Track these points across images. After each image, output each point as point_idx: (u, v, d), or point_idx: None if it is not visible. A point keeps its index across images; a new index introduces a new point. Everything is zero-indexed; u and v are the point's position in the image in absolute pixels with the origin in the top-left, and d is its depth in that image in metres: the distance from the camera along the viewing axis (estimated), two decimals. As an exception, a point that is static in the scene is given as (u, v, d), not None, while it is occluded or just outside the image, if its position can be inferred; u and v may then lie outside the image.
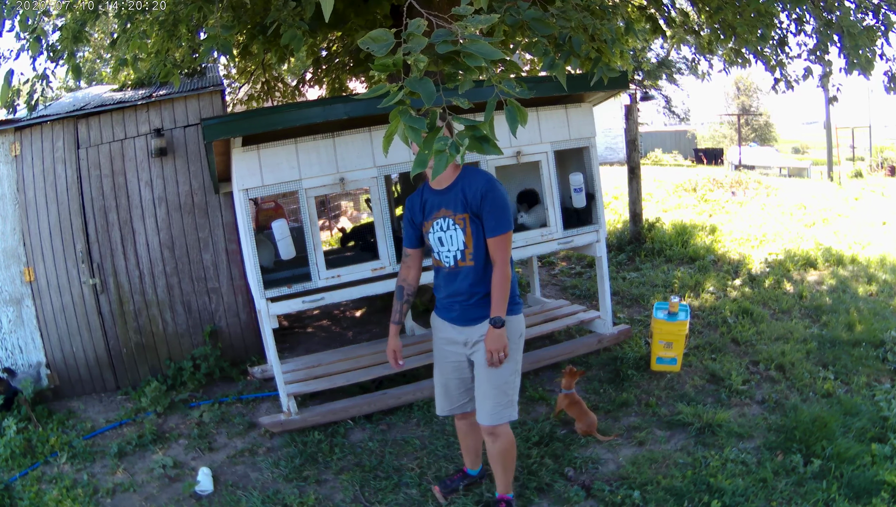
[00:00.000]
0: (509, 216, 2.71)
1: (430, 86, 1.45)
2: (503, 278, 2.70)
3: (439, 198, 2.80)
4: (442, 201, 2.80)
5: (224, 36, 3.81)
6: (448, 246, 2.81)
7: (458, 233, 2.76)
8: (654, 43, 12.91)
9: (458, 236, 2.77)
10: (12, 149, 5.00)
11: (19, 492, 3.73)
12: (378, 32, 1.46)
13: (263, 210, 6.07)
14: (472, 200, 2.70)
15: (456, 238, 2.77)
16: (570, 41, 3.11)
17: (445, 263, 2.84)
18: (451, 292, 2.87)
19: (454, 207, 2.75)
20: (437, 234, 2.84)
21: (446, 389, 3.07)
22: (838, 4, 4.67)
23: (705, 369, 4.57)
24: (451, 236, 2.78)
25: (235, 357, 5.43)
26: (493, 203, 2.67)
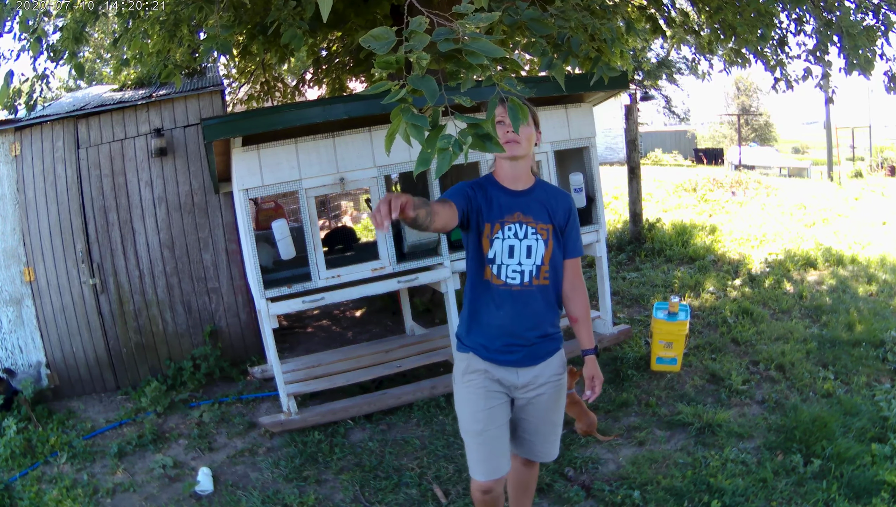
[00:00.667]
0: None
1: (432, 84, 1.45)
2: (588, 302, 2.41)
3: (514, 199, 2.29)
4: (518, 204, 2.29)
5: (224, 36, 3.81)
6: (520, 258, 2.26)
7: (540, 245, 2.27)
8: (654, 43, 12.91)
9: (538, 249, 2.27)
10: (12, 149, 5.00)
11: (19, 492, 3.73)
12: (379, 31, 1.46)
13: (263, 210, 6.07)
14: (558, 214, 2.30)
15: (535, 251, 2.27)
16: (569, 41, 3.11)
17: (510, 279, 2.26)
18: (513, 321, 2.27)
19: (536, 214, 2.28)
20: (508, 241, 2.26)
21: (493, 451, 2.32)
22: (838, 4, 4.67)
23: (705, 369, 4.57)
24: (530, 248, 2.26)
25: (235, 357, 5.43)
26: (575, 221, 2.36)
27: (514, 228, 2.27)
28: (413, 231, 4.26)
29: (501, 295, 2.27)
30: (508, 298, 2.26)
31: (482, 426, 2.29)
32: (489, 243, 2.26)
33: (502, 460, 2.32)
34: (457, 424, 4.06)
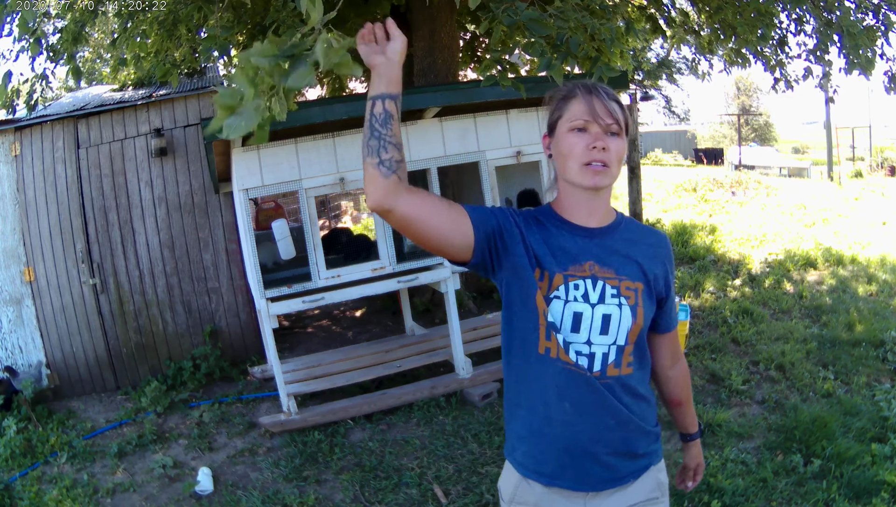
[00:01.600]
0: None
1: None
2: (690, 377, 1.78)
3: (586, 241, 1.46)
4: (592, 249, 1.46)
5: (223, 36, 3.82)
6: (590, 334, 1.42)
7: (624, 314, 1.42)
8: (655, 43, 12.89)
9: (621, 320, 1.42)
10: (12, 149, 5.00)
11: (19, 492, 3.73)
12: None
13: (263, 210, 6.07)
14: (655, 265, 1.48)
15: (617, 323, 1.42)
16: (568, 42, 3.11)
17: (579, 362, 1.43)
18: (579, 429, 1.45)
19: (620, 264, 1.45)
20: (573, 305, 1.42)
21: None
22: (838, 4, 4.67)
23: (705, 368, 4.57)
24: (608, 318, 1.42)
25: (235, 357, 5.43)
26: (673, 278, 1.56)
27: (584, 286, 1.43)
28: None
29: (565, 382, 1.43)
30: (572, 389, 1.42)
31: None
32: (542, 303, 1.43)
33: None
34: (457, 423, 4.08)
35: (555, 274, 1.43)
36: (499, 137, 4.38)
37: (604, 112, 1.41)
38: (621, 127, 1.43)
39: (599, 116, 1.40)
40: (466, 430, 3.97)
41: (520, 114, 4.51)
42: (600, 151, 1.40)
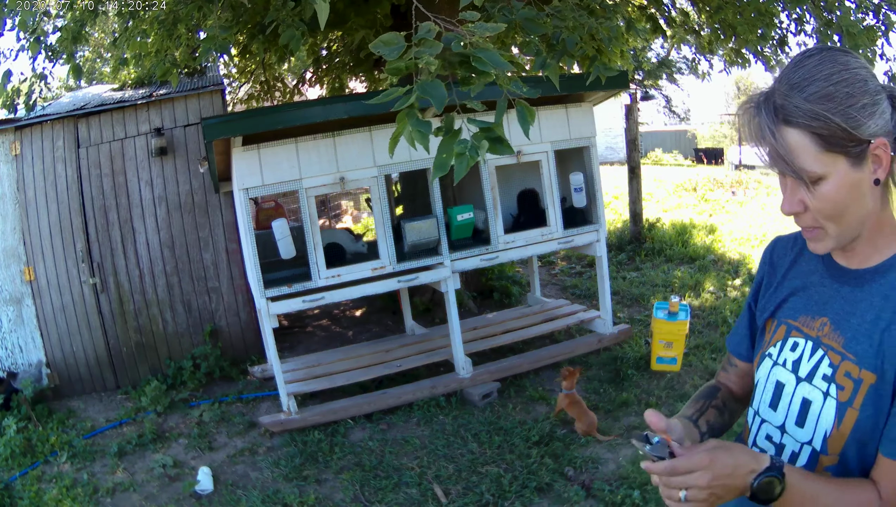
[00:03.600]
0: None
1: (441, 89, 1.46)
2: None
3: (836, 288, 1.07)
4: (836, 301, 1.06)
5: (222, 36, 3.81)
6: (788, 418, 1.08)
7: (829, 407, 1.01)
8: (655, 43, 12.90)
9: (823, 414, 1.02)
10: (12, 148, 5.00)
11: (19, 491, 3.73)
12: (389, 36, 1.47)
13: (263, 209, 6.07)
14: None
15: (816, 415, 1.03)
16: (564, 41, 3.11)
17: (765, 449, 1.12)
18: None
19: (856, 333, 1.00)
20: (778, 370, 1.11)
21: None
22: (838, 4, 4.67)
23: (705, 368, 4.57)
24: (809, 406, 1.05)
25: (235, 357, 5.43)
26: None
27: (801, 348, 1.08)
28: (413, 230, 4.26)
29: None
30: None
31: None
32: (759, 361, 1.16)
33: None
34: (457, 423, 4.08)
35: (780, 324, 1.11)
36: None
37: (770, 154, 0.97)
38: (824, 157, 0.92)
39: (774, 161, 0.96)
40: (466, 430, 3.97)
41: (520, 114, 4.50)
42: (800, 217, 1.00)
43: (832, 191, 0.93)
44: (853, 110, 0.89)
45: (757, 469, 0.93)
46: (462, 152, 1.49)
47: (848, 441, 0.98)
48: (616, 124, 19.83)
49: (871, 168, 0.94)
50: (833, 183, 0.93)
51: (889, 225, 1.00)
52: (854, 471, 0.99)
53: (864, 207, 0.96)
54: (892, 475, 0.94)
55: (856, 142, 0.90)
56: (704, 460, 0.93)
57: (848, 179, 0.92)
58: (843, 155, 0.91)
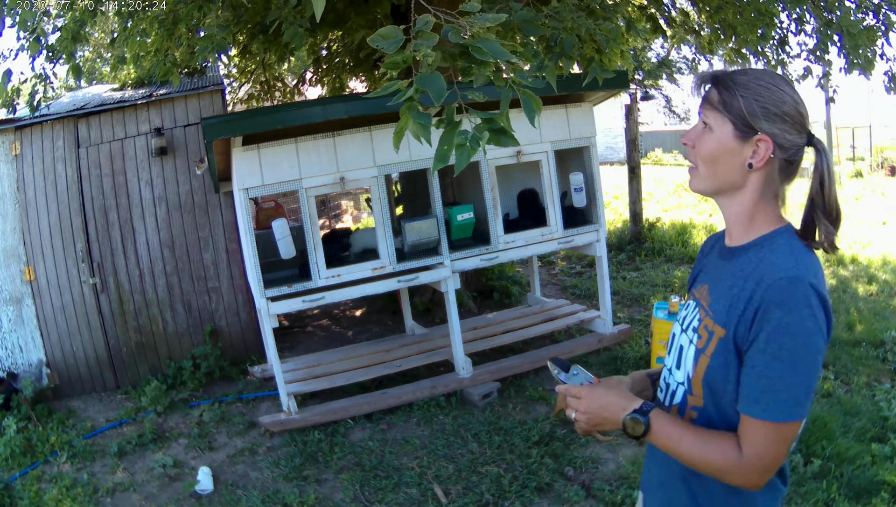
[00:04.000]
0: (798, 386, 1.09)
1: (439, 82, 1.45)
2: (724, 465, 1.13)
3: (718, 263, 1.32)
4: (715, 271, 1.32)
5: (220, 35, 3.81)
6: (672, 361, 1.34)
7: (690, 354, 1.26)
8: (655, 43, 12.90)
9: (687, 358, 1.27)
10: (12, 148, 5.00)
11: (19, 491, 3.73)
12: (387, 30, 1.46)
13: (263, 209, 6.07)
14: (742, 310, 1.15)
15: (685, 360, 1.28)
16: (561, 42, 3.10)
17: (659, 390, 1.40)
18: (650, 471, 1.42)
19: (718, 297, 1.24)
20: (675, 326, 1.39)
21: None
22: (838, 4, 4.67)
23: (705, 368, 4.57)
24: (682, 351, 1.30)
25: (235, 357, 5.43)
26: (775, 341, 1.09)
27: (690, 307, 1.35)
28: (413, 230, 4.26)
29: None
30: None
31: None
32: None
33: None
34: (457, 423, 4.08)
35: (689, 295, 1.40)
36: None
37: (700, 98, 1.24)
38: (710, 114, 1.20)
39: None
40: (466, 430, 3.97)
41: (519, 113, 4.50)
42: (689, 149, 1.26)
43: (712, 142, 1.20)
44: (757, 106, 1.15)
45: (628, 409, 1.22)
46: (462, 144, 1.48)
47: (703, 384, 1.20)
48: (616, 124, 19.83)
49: (750, 152, 1.18)
50: (715, 137, 1.20)
51: (763, 215, 1.23)
52: (713, 417, 1.20)
53: (732, 172, 1.21)
54: (748, 430, 1.11)
55: (745, 124, 1.16)
56: (583, 391, 1.29)
57: (727, 143, 1.19)
58: (731, 124, 1.17)
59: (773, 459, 1.10)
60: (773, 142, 1.16)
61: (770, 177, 1.21)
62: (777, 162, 1.19)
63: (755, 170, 1.19)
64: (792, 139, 1.17)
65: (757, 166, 1.18)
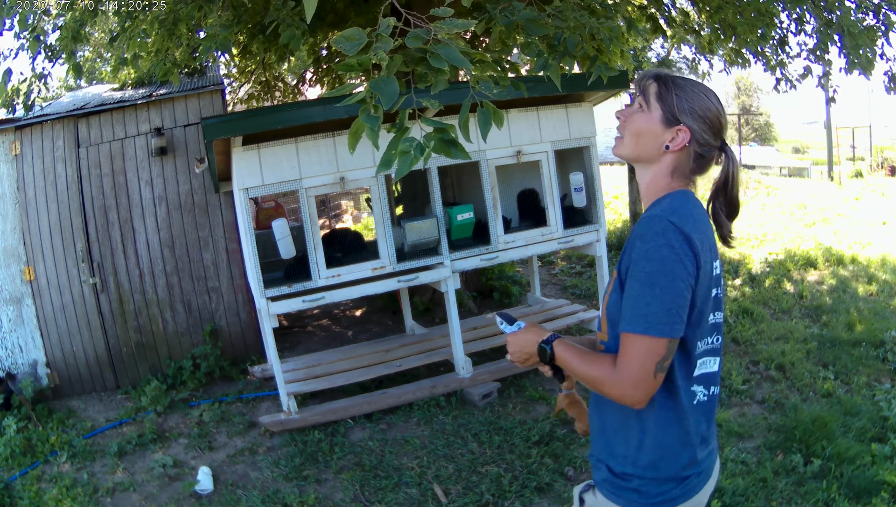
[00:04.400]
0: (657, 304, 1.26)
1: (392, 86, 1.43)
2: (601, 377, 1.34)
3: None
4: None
5: (223, 35, 3.81)
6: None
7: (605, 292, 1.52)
8: (655, 42, 12.88)
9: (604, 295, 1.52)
10: (12, 148, 5.00)
11: (19, 491, 3.73)
12: (351, 31, 1.44)
13: (263, 209, 6.07)
14: (623, 250, 1.40)
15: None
16: (565, 41, 3.10)
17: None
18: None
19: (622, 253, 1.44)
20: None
21: None
22: (838, 4, 4.67)
23: (705, 368, 4.57)
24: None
25: (235, 356, 5.43)
26: (637, 266, 1.31)
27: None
28: (413, 230, 4.26)
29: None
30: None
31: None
32: None
33: None
34: (457, 423, 4.08)
35: None
36: (499, 137, 4.38)
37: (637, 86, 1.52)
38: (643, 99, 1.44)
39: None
40: (466, 429, 3.97)
41: (520, 113, 4.51)
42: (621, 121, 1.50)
43: (642, 121, 1.43)
44: (686, 105, 1.39)
45: (538, 341, 1.47)
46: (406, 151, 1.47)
47: (606, 320, 1.43)
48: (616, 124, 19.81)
49: (669, 137, 1.41)
50: (645, 117, 1.43)
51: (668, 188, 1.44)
52: (613, 349, 1.39)
53: (651, 148, 1.43)
54: (620, 346, 1.31)
55: (672, 115, 1.40)
56: (511, 337, 1.55)
57: (654, 125, 1.42)
58: (661, 112, 1.41)
59: (639, 371, 1.26)
60: (692, 135, 1.40)
61: (681, 162, 1.43)
62: (691, 152, 1.42)
63: (670, 152, 1.42)
64: (707, 139, 1.41)
65: (672, 149, 1.41)
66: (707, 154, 1.44)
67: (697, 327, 1.34)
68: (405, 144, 1.47)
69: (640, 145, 1.45)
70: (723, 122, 1.43)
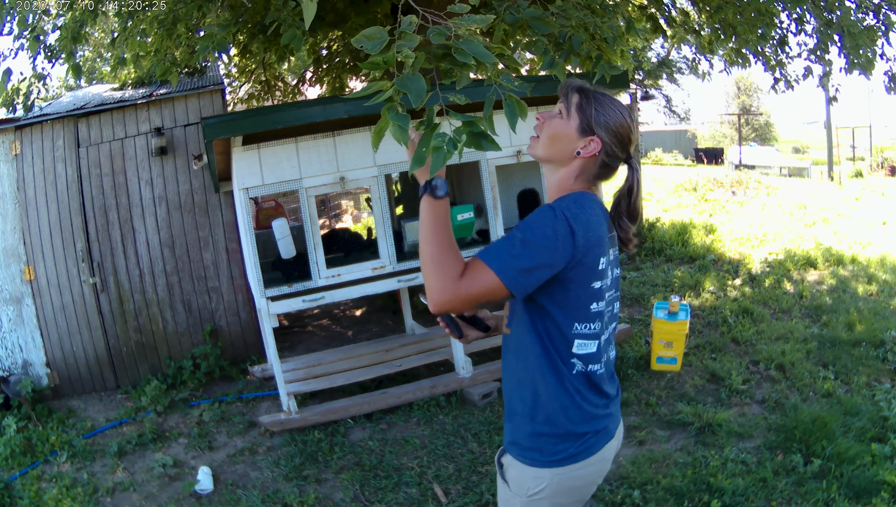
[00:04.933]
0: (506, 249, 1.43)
1: (420, 83, 1.44)
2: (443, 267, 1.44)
3: None
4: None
5: (220, 35, 3.81)
6: None
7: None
8: (655, 42, 12.90)
9: None
10: (13, 148, 5.00)
11: (19, 491, 3.73)
12: (372, 30, 1.45)
13: (263, 209, 6.07)
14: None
15: None
16: (570, 40, 3.11)
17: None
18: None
19: None
20: None
21: None
22: (839, 4, 4.67)
23: (705, 368, 4.57)
24: None
25: (235, 356, 5.43)
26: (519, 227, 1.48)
27: None
28: (413, 230, 4.26)
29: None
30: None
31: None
32: None
33: None
34: (457, 422, 4.08)
35: None
36: (499, 137, 4.37)
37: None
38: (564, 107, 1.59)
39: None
40: (466, 429, 3.97)
41: (520, 113, 4.50)
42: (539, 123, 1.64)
43: (560, 126, 1.58)
44: (601, 119, 1.54)
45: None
46: (439, 146, 1.47)
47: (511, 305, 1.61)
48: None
49: (582, 145, 1.56)
50: (563, 124, 1.58)
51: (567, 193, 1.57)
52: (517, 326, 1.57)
53: (563, 152, 1.58)
54: (470, 266, 1.43)
55: (588, 126, 1.55)
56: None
57: (569, 132, 1.57)
58: (578, 121, 1.55)
59: (467, 291, 1.40)
60: (602, 146, 1.55)
61: (588, 168, 1.58)
62: (599, 161, 1.57)
63: (580, 158, 1.57)
64: (616, 151, 1.56)
65: (583, 156, 1.56)
66: (612, 164, 1.59)
67: (574, 310, 1.51)
68: (437, 139, 1.47)
69: (554, 148, 1.59)
70: (632, 137, 1.60)
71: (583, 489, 1.62)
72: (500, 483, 1.67)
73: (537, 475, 1.55)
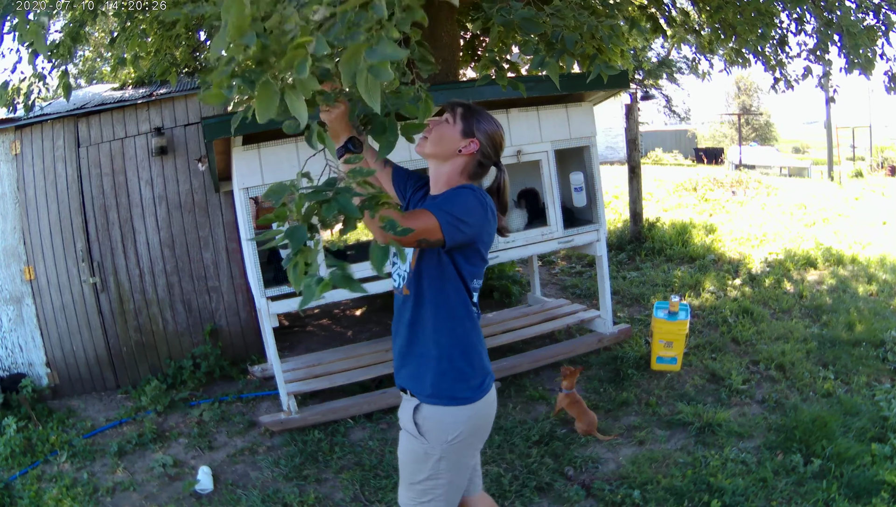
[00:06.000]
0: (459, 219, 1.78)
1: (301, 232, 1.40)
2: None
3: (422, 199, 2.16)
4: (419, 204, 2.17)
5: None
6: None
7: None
8: (655, 42, 12.88)
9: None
10: (13, 147, 5.00)
11: (19, 491, 3.73)
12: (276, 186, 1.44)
13: (264, 209, 6.07)
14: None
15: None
16: (563, 39, 3.10)
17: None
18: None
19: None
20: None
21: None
22: (839, 4, 4.67)
23: (705, 368, 4.57)
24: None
25: (235, 356, 5.43)
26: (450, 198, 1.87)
27: None
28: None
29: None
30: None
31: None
32: None
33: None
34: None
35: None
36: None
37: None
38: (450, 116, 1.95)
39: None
40: (466, 429, 3.97)
41: (520, 113, 4.51)
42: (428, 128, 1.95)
43: (447, 129, 1.94)
44: (481, 126, 1.94)
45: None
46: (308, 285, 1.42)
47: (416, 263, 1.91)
48: (616, 124, 19.81)
49: (464, 145, 1.93)
50: (449, 128, 1.94)
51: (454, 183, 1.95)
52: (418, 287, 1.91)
53: (447, 150, 1.93)
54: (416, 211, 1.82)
55: (470, 130, 1.93)
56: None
57: (454, 134, 1.93)
58: (462, 126, 1.93)
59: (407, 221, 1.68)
60: (479, 147, 1.93)
61: (468, 165, 1.95)
62: (475, 160, 1.95)
63: (462, 155, 1.93)
64: (489, 153, 1.96)
65: (464, 153, 1.93)
66: (486, 164, 1.97)
67: (474, 268, 1.90)
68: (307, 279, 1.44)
69: (440, 146, 1.93)
70: (503, 144, 2.00)
71: (485, 428, 2.02)
72: (408, 446, 1.94)
73: (455, 419, 1.88)
